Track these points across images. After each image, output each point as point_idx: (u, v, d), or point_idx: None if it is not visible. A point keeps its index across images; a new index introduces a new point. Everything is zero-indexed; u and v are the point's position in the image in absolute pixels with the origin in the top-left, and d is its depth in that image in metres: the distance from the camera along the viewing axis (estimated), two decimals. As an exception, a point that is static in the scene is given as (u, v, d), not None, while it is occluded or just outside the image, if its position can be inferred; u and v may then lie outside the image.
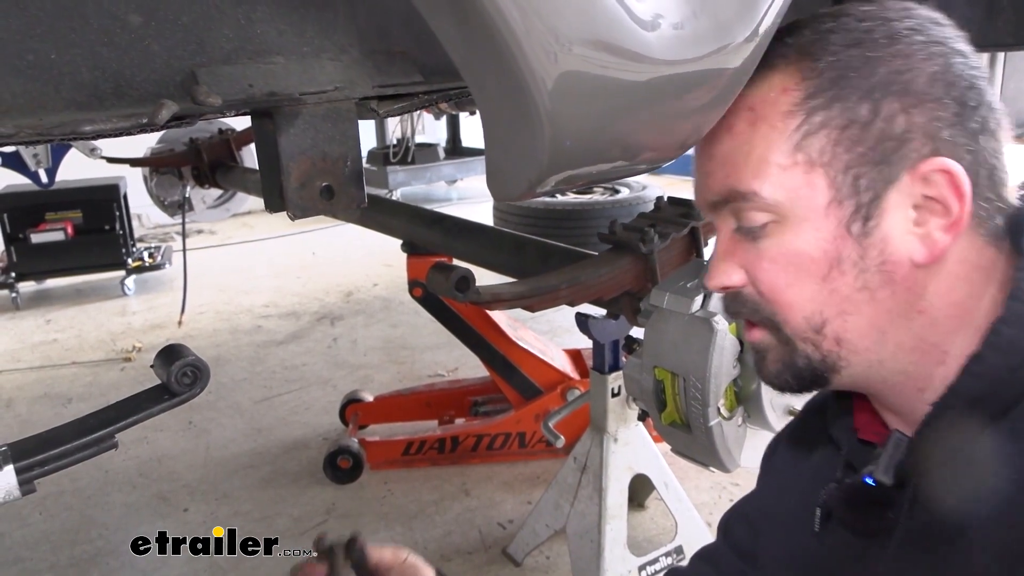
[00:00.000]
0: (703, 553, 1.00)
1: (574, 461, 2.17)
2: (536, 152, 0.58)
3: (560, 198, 5.06)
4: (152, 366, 0.96)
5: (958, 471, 0.60)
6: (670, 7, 0.58)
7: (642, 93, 0.59)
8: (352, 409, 3.05)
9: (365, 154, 7.09)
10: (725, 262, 0.68)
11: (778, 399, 1.24)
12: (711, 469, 1.34)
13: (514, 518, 2.51)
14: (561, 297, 1.55)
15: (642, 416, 2.12)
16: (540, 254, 1.85)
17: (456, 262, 1.69)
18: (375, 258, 5.53)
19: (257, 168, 1.54)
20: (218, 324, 4.50)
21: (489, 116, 0.62)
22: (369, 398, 3.08)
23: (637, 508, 2.49)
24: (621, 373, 2.04)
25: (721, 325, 1.20)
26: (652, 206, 1.83)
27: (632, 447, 2.11)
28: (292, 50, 0.86)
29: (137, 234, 5.63)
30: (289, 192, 0.92)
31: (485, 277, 1.57)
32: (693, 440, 1.26)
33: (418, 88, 0.96)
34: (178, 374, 0.92)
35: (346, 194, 0.96)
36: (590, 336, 2.03)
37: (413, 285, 2.54)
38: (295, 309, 4.71)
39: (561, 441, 2.09)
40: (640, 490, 2.46)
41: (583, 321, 2.01)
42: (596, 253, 1.71)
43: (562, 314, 3.31)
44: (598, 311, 1.86)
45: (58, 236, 4.84)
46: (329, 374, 3.70)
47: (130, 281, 5.10)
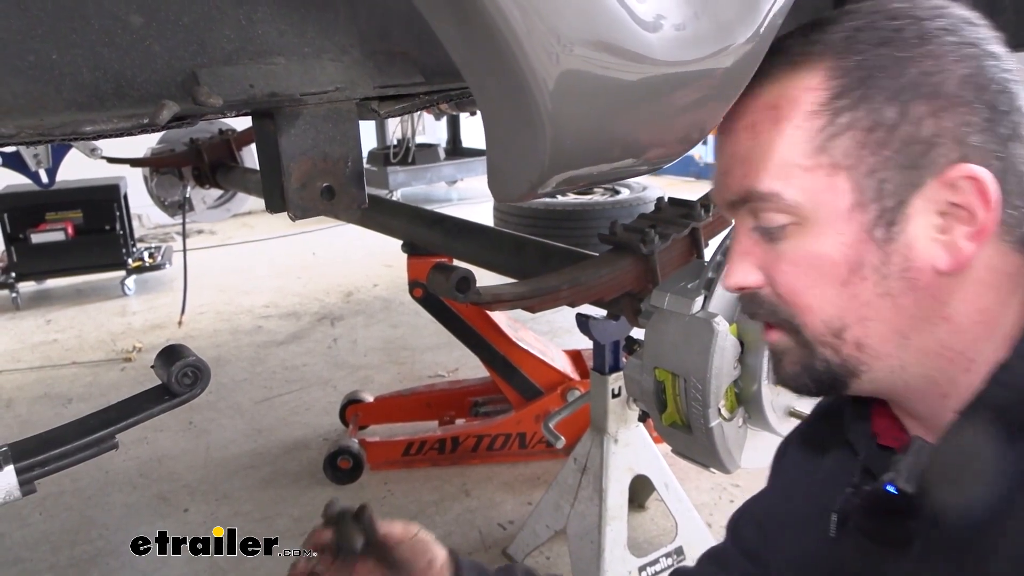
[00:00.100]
0: (711, 553, 0.99)
1: (574, 462, 2.17)
2: (537, 153, 0.58)
3: (560, 199, 5.05)
4: (152, 366, 0.96)
5: (983, 481, 0.58)
6: (672, 8, 0.58)
7: (643, 94, 0.59)
8: (352, 409, 3.04)
9: (366, 154, 7.09)
10: (743, 262, 0.66)
11: (779, 400, 1.24)
12: (711, 470, 1.34)
13: (514, 519, 2.51)
14: (562, 298, 1.55)
15: (642, 417, 2.12)
16: (540, 255, 1.85)
17: (456, 263, 1.70)
18: (375, 258, 5.53)
19: (258, 168, 1.54)
20: (218, 324, 4.50)
21: (490, 116, 0.62)
22: (369, 398, 3.08)
23: (637, 509, 2.49)
24: (621, 374, 2.04)
25: (722, 326, 1.20)
26: (653, 207, 1.84)
27: (632, 448, 2.11)
28: (293, 51, 0.86)
29: (137, 234, 5.64)
30: (290, 192, 0.92)
31: (485, 278, 1.57)
32: (693, 441, 1.26)
33: (419, 89, 0.96)
34: (179, 374, 0.92)
35: (347, 194, 0.96)
36: (590, 337, 2.03)
37: (413, 285, 2.54)
38: (295, 309, 4.70)
39: (561, 442, 2.09)
40: (640, 491, 2.45)
41: (584, 322, 2.01)
42: (596, 254, 1.71)
43: (562, 315, 3.31)
44: (599, 312, 1.86)
45: (58, 236, 4.84)
46: (329, 374, 3.70)
47: (130, 281, 5.10)
